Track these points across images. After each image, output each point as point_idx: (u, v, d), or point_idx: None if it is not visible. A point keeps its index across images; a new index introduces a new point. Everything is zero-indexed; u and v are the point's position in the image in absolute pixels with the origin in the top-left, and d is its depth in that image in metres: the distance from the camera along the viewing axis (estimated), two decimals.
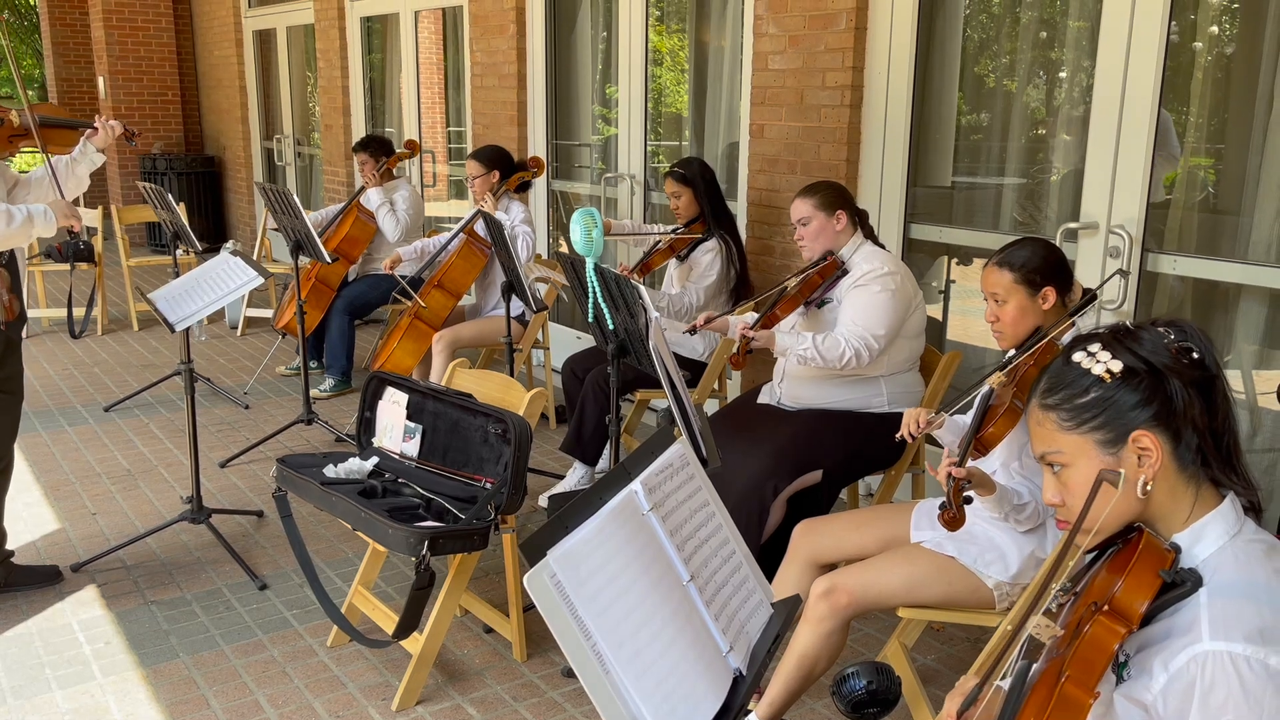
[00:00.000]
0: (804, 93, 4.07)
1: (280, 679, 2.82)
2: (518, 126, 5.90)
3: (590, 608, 1.23)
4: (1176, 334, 1.33)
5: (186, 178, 9.84)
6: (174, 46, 10.26)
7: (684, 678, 1.31)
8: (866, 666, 2.01)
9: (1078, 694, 1.16)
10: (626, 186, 5.31)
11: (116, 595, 3.26)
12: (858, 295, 3.02)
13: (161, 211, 5.68)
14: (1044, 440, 1.37)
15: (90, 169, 3.30)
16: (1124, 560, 1.26)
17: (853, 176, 3.97)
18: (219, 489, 4.15)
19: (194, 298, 3.41)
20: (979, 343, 4.01)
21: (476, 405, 2.79)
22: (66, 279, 7.30)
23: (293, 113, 9.14)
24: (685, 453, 1.57)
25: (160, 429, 4.89)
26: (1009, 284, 2.32)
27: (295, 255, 4.59)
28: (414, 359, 4.67)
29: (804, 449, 2.99)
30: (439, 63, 7.36)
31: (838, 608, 2.28)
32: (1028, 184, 3.67)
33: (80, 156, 3.27)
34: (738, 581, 1.56)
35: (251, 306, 6.98)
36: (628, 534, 1.34)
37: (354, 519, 2.57)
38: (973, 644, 3.02)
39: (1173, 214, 3.22)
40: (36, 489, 4.13)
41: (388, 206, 5.42)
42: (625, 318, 2.77)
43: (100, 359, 6.18)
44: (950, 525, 2.03)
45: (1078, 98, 3.44)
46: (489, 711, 2.69)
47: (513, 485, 2.65)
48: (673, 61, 5.37)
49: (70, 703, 2.69)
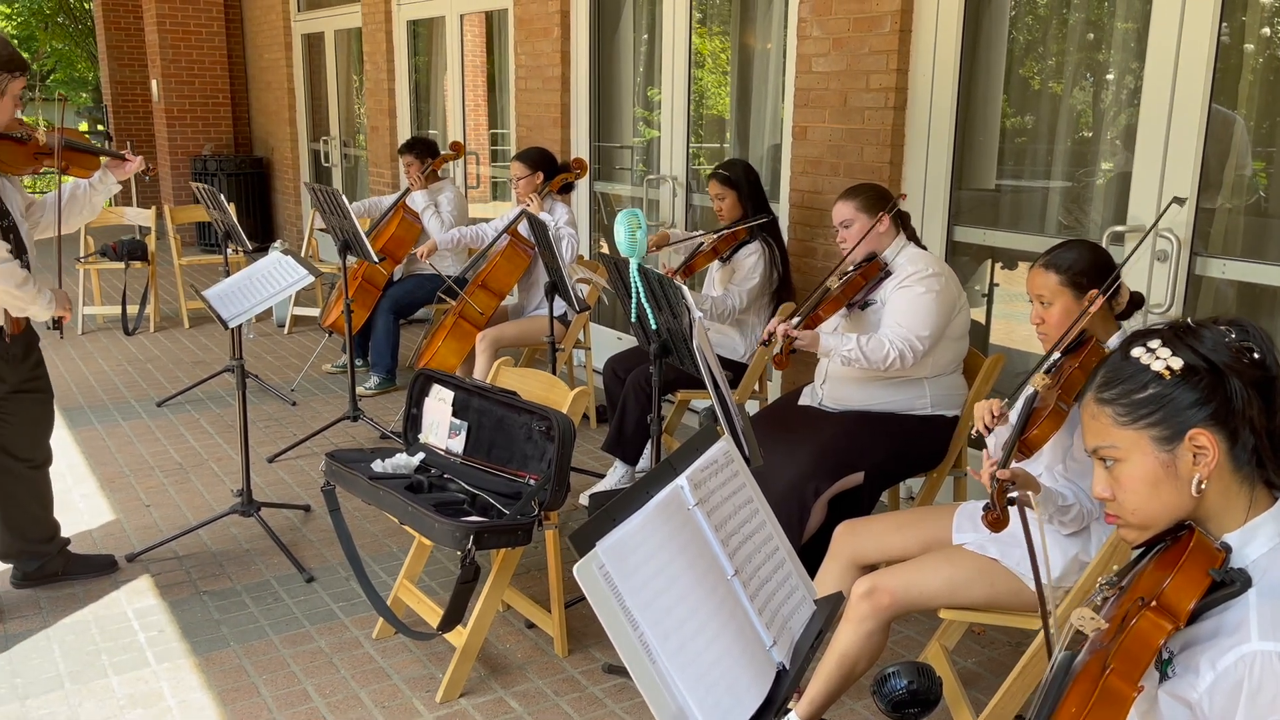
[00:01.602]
0: (848, 95, 4.07)
1: (327, 669, 2.88)
2: (561, 128, 5.95)
3: (637, 598, 1.25)
4: (1238, 333, 1.33)
5: (235, 178, 10.03)
6: (225, 50, 10.46)
7: (728, 670, 1.33)
8: (908, 666, 2.02)
9: (1122, 686, 1.17)
10: (668, 188, 5.34)
11: (169, 585, 3.34)
12: (901, 296, 3.01)
13: (213, 211, 5.80)
14: (1098, 434, 1.36)
15: (106, 197, 3.30)
16: (1173, 557, 1.27)
17: (896, 179, 3.97)
18: (267, 483, 4.23)
19: (246, 295, 3.49)
20: (1023, 347, 3.98)
21: (521, 403, 2.83)
22: (120, 277, 7.48)
23: (339, 115, 9.28)
24: (729, 450, 1.60)
25: (210, 424, 4.99)
26: (1055, 286, 2.31)
27: (343, 255, 4.67)
28: (458, 358, 4.73)
29: (845, 451, 3.00)
30: (483, 65, 7.44)
31: (879, 608, 2.29)
32: (1073, 187, 3.64)
33: (99, 184, 3.28)
34: (781, 577, 1.58)
35: (298, 305, 7.10)
36: (673, 528, 1.37)
37: (401, 513, 2.62)
38: (1014, 648, 3.01)
39: (1221, 217, 3.18)
40: (92, 481, 4.24)
41: (433, 209, 5.50)
42: (668, 318, 2.80)
43: (153, 355, 6.32)
44: (994, 526, 2.03)
45: (1125, 100, 3.41)
46: (531, 705, 2.73)
47: (556, 482, 2.69)
48: (715, 64, 5.39)
49: (126, 688, 2.77)
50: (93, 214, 3.34)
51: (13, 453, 3.15)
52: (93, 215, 3.34)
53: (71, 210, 3.25)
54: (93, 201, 3.30)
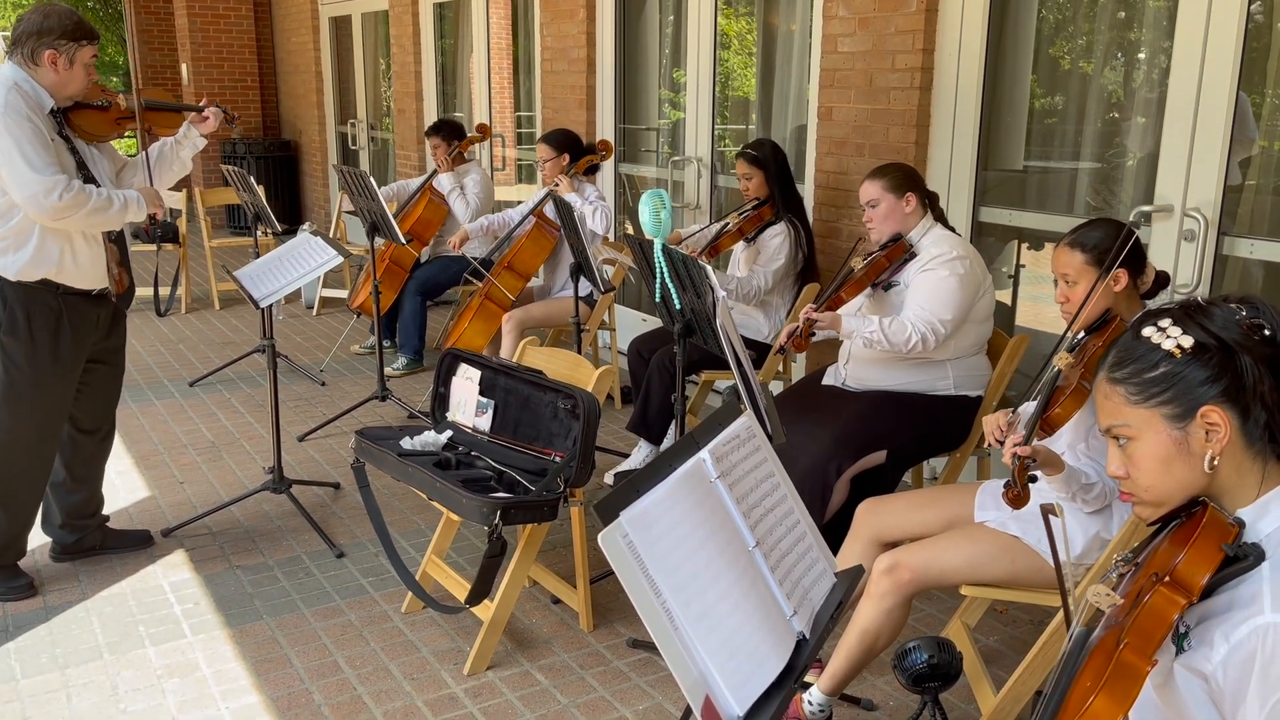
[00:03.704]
0: (873, 75, 4.06)
1: (357, 641, 2.94)
2: (586, 110, 5.97)
3: (660, 567, 1.28)
4: (1249, 310, 1.34)
5: (264, 161, 10.12)
6: (254, 34, 10.54)
7: (749, 637, 1.36)
8: (928, 641, 2.05)
9: (1135, 661, 1.18)
10: (694, 170, 5.35)
11: (204, 559, 3.42)
12: (925, 279, 3.02)
13: (243, 194, 5.87)
14: (1110, 413, 1.38)
15: (193, 152, 3.37)
16: (1187, 533, 1.28)
17: (921, 159, 3.96)
18: (297, 461, 4.30)
19: (276, 275, 3.55)
20: (1049, 328, 3.97)
21: (547, 381, 2.87)
22: (152, 259, 7.58)
23: (367, 98, 9.33)
24: (751, 425, 1.62)
25: (241, 404, 5.07)
26: (1080, 265, 2.31)
27: (371, 237, 4.72)
28: (484, 339, 4.78)
29: (868, 430, 3.01)
30: (508, 48, 7.46)
31: (900, 584, 2.31)
32: (1102, 168, 3.62)
33: (184, 139, 3.35)
34: (802, 550, 1.60)
35: (326, 287, 7.17)
36: (696, 499, 1.40)
37: (429, 489, 2.67)
38: (1035, 626, 3.02)
39: (1249, 197, 3.16)
40: (128, 458, 4.33)
41: (458, 191, 5.53)
42: (692, 297, 2.82)
43: (184, 336, 6.42)
44: (1014, 503, 2.05)
45: (1155, 80, 3.39)
46: (557, 678, 2.78)
47: (581, 459, 2.72)
48: (740, 45, 5.38)
49: (162, 659, 2.84)
50: (184, 169, 3.41)
51: (80, 426, 3.24)
52: (184, 171, 3.41)
53: (161, 168, 3.32)
54: (180, 156, 3.36)
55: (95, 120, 3.10)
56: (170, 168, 3.35)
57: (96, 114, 3.10)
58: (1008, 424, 2.18)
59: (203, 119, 3.34)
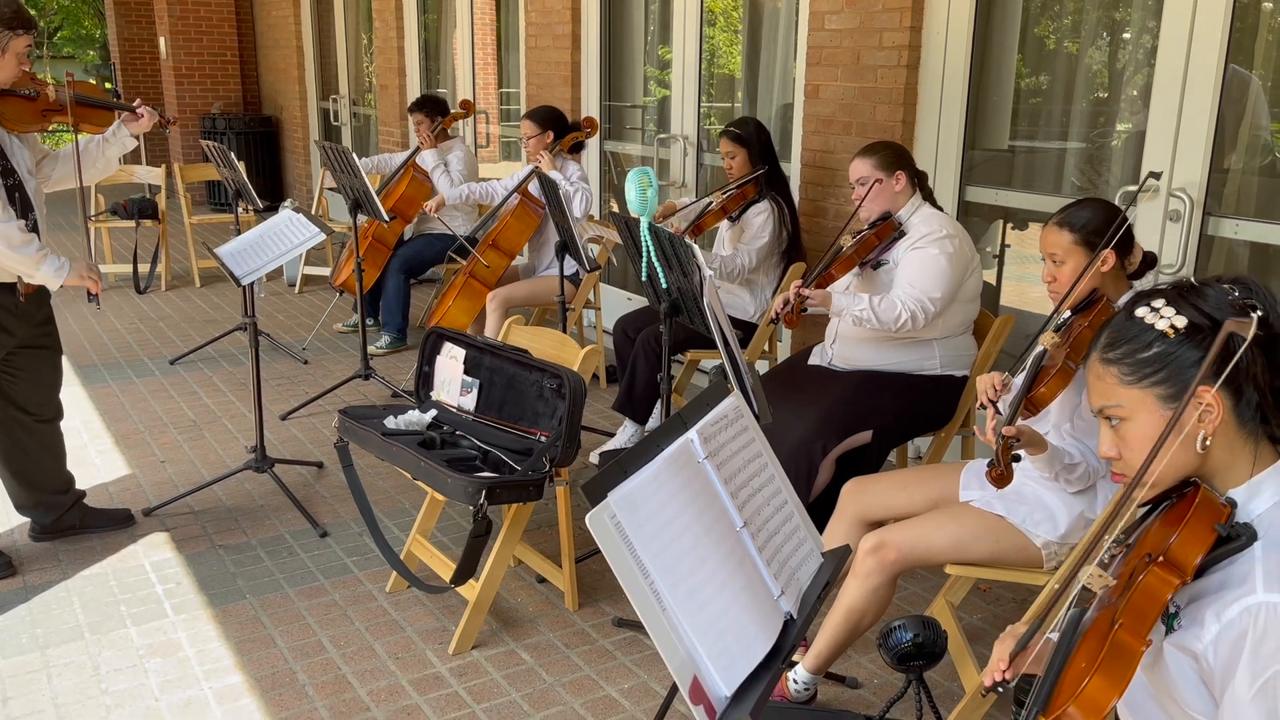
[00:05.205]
0: (860, 53, 4.03)
1: (342, 621, 2.93)
2: (571, 87, 5.92)
3: (648, 547, 1.28)
4: (1241, 291, 1.34)
5: (245, 137, 10.00)
6: (233, 7, 10.39)
7: (737, 618, 1.36)
8: (913, 620, 2.06)
9: (1130, 641, 1.19)
10: (679, 148, 5.32)
11: (186, 539, 3.40)
12: (915, 258, 3.01)
13: (224, 170, 5.80)
14: (1103, 394, 1.38)
15: (121, 152, 3.28)
16: (1179, 514, 1.28)
17: (908, 138, 3.95)
18: (280, 440, 4.27)
19: (258, 253, 3.51)
20: (1034, 308, 3.98)
21: (532, 361, 2.85)
22: (132, 236, 7.50)
23: (349, 73, 9.23)
24: (739, 405, 1.61)
25: (223, 382, 5.03)
26: (1068, 245, 2.31)
27: (354, 214, 4.67)
28: (468, 317, 4.75)
29: (854, 409, 3.01)
30: (492, 23, 7.38)
31: (885, 563, 2.31)
32: (1087, 147, 3.62)
33: (112, 138, 3.25)
34: (789, 530, 1.60)
35: (308, 265, 7.12)
36: (683, 480, 1.39)
37: (414, 468, 2.65)
38: (1019, 604, 3.04)
39: (1235, 178, 3.16)
40: (108, 437, 4.29)
41: (442, 168, 5.48)
42: (679, 276, 2.81)
43: (165, 314, 6.36)
44: (997, 483, 2.05)
45: (1141, 59, 3.38)
46: (542, 657, 2.78)
47: (567, 438, 2.71)
48: (726, 22, 5.34)
49: (145, 639, 2.82)
50: (107, 168, 3.32)
51: (22, 406, 3.18)
52: (108, 170, 3.32)
53: (85, 165, 3.23)
54: (106, 155, 3.27)
55: (20, 109, 3.00)
56: (94, 164, 3.26)
57: (23, 103, 3.00)
58: (1002, 384, 2.17)
59: (135, 118, 3.25)
